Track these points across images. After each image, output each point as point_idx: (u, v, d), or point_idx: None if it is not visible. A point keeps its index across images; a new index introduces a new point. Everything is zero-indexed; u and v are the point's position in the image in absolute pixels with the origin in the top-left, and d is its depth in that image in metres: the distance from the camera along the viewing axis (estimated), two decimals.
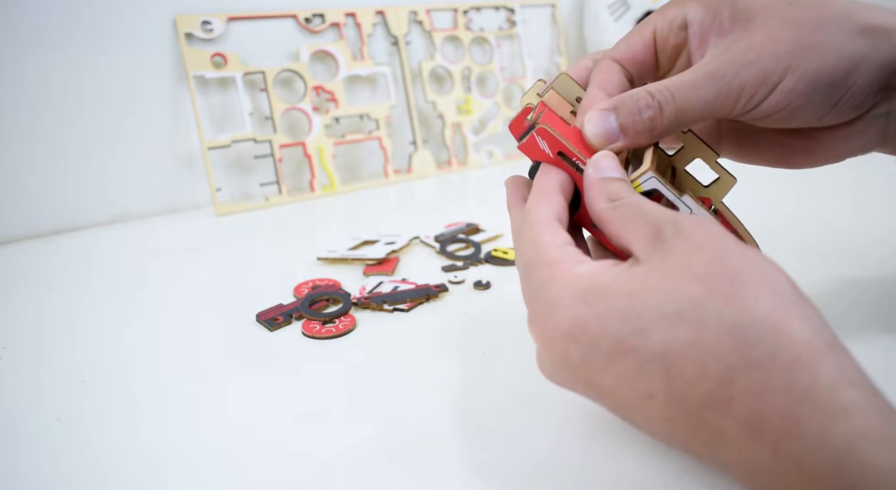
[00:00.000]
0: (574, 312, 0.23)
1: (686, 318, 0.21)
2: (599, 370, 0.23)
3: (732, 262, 0.22)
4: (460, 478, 0.26)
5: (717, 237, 0.23)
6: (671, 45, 0.30)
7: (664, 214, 0.24)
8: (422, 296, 0.43)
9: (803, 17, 0.27)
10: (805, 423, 0.19)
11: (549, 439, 0.28)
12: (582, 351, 0.23)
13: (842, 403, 0.19)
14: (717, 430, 0.21)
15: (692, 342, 0.21)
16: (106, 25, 0.62)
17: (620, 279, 0.23)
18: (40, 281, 0.51)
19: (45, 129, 0.61)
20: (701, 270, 0.22)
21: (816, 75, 0.27)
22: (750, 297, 0.21)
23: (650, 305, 0.22)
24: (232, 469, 0.28)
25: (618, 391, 0.23)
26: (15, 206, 0.61)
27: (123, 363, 0.37)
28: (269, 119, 0.69)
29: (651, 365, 0.22)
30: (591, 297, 0.23)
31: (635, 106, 0.28)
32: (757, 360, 0.20)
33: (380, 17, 0.76)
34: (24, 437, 0.30)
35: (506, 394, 0.32)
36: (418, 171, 0.78)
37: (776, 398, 0.20)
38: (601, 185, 0.27)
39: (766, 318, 0.20)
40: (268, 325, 0.40)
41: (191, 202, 0.70)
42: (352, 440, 0.29)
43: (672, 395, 0.21)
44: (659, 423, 0.22)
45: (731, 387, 0.20)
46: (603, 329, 0.22)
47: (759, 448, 0.20)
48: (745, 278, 0.21)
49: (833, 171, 0.34)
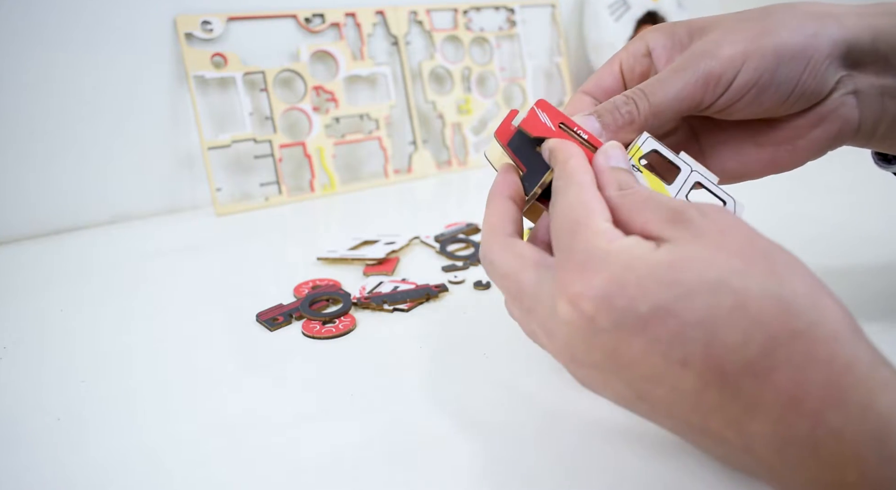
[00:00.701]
0: (614, 272, 0.22)
1: (729, 285, 0.21)
2: (630, 335, 0.22)
3: (762, 244, 0.23)
4: (460, 478, 0.26)
5: (738, 222, 0.24)
6: (637, 73, 0.33)
7: (678, 201, 0.25)
8: (422, 296, 0.43)
9: (753, 16, 0.31)
10: (849, 394, 0.19)
11: (549, 439, 0.28)
12: (616, 314, 0.22)
13: (883, 377, 0.20)
14: (751, 400, 0.21)
15: (736, 308, 0.21)
16: (106, 25, 0.62)
17: (657, 252, 0.23)
18: (40, 281, 0.51)
19: (45, 129, 0.61)
20: (736, 247, 0.22)
21: (776, 50, 0.29)
22: (787, 275, 0.22)
23: (693, 273, 0.22)
24: (232, 469, 0.28)
25: (645, 359, 0.22)
26: (15, 206, 0.61)
27: (123, 363, 0.37)
28: (269, 119, 0.69)
29: (691, 329, 0.21)
30: (634, 262, 0.22)
31: (613, 106, 0.30)
32: (801, 330, 0.20)
33: (380, 17, 0.76)
34: (24, 437, 0.30)
35: (506, 394, 0.32)
36: (418, 171, 0.78)
37: (820, 369, 0.20)
38: (611, 173, 0.28)
39: (806, 295, 0.21)
40: (268, 325, 0.40)
41: (191, 202, 0.70)
42: (352, 440, 0.29)
43: (709, 363, 0.21)
44: (683, 397, 0.22)
45: (773, 355, 0.20)
46: (643, 292, 0.22)
47: (798, 418, 0.20)
48: (779, 258, 0.22)
49: (830, 170, 0.34)
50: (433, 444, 0.28)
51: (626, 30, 0.88)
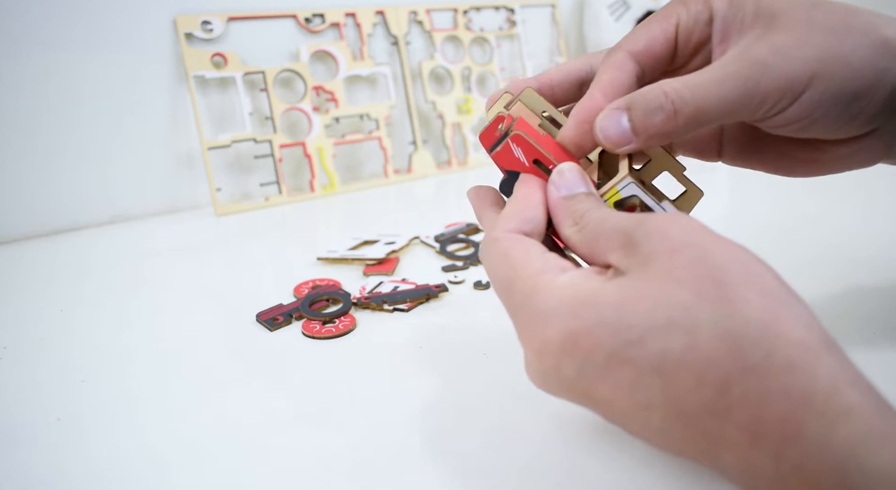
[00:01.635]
0: (564, 326, 0.22)
1: (678, 325, 0.21)
2: (595, 382, 0.22)
3: (713, 260, 0.21)
4: (460, 478, 0.26)
5: (691, 233, 0.22)
6: (694, 42, 0.28)
7: (630, 219, 0.24)
8: (422, 296, 0.43)
9: (829, 24, 0.26)
10: (806, 428, 0.19)
11: (549, 439, 0.28)
12: (576, 364, 0.22)
13: (842, 406, 0.19)
14: (716, 437, 0.20)
15: (686, 350, 0.20)
16: (106, 25, 0.62)
17: (606, 289, 0.22)
18: (40, 281, 0.51)
19: (46, 129, 0.61)
20: (684, 274, 0.21)
21: (841, 87, 0.26)
22: (738, 299, 0.20)
23: (640, 315, 0.21)
24: (232, 469, 0.28)
25: (615, 401, 0.22)
26: (15, 206, 0.61)
27: (123, 363, 0.37)
28: (269, 119, 0.69)
29: (647, 375, 0.21)
30: (580, 310, 0.22)
31: (648, 106, 0.26)
32: (753, 365, 0.20)
33: (380, 17, 0.76)
34: (24, 437, 0.30)
35: (506, 394, 0.32)
36: (418, 171, 0.78)
37: (775, 404, 0.19)
38: (564, 206, 0.26)
39: (758, 320, 0.20)
40: (268, 325, 0.40)
41: (191, 202, 0.70)
42: (352, 440, 0.29)
43: (670, 405, 0.21)
44: (656, 431, 0.22)
45: (728, 394, 0.20)
46: (595, 342, 0.22)
47: (760, 454, 0.20)
48: (731, 279, 0.21)
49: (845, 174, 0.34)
50: (433, 444, 0.28)
51: (626, 30, 0.88)
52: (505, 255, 0.25)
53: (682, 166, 0.30)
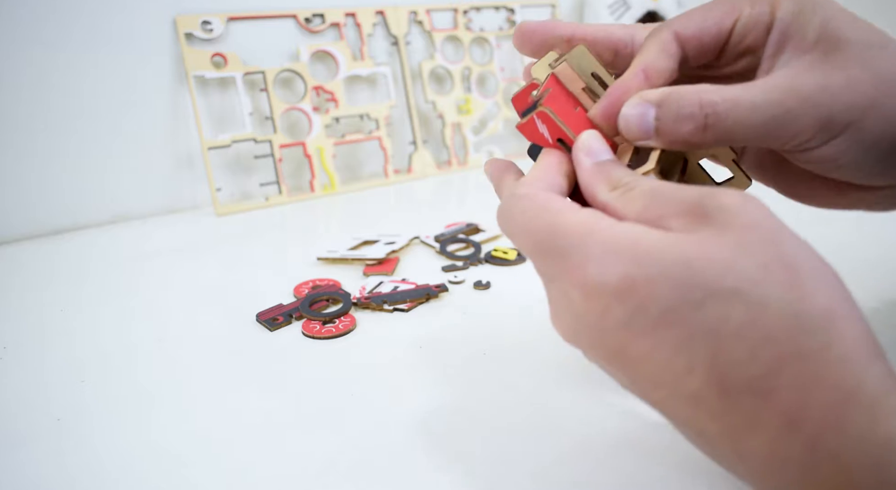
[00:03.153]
0: (623, 270, 0.21)
1: (744, 297, 0.20)
2: (639, 336, 0.21)
3: (786, 246, 0.21)
4: (460, 478, 0.26)
5: (765, 216, 0.21)
6: (746, 44, 0.27)
7: (695, 190, 0.22)
8: (422, 296, 0.43)
9: (887, 70, 0.25)
10: (849, 419, 0.19)
11: (549, 439, 0.28)
12: (627, 311, 0.21)
13: (890, 405, 0.19)
14: (750, 417, 0.20)
15: (747, 323, 0.20)
16: (106, 25, 0.62)
17: (673, 244, 0.21)
18: (40, 281, 0.51)
19: (45, 129, 0.61)
20: (758, 250, 0.21)
21: (879, 138, 0.25)
22: (808, 287, 0.20)
23: (708, 277, 0.20)
24: (232, 469, 0.28)
25: (651, 361, 0.21)
26: (15, 206, 0.61)
27: (123, 363, 0.37)
28: (269, 119, 0.69)
29: (699, 339, 0.20)
30: (643, 258, 0.21)
31: (680, 112, 0.25)
32: (809, 351, 0.20)
33: (380, 17, 0.76)
34: (25, 437, 0.30)
35: (505, 393, 0.32)
36: (418, 171, 0.78)
37: (823, 392, 0.19)
38: (598, 171, 0.25)
39: (824, 310, 0.20)
40: (268, 325, 0.40)
41: (191, 202, 0.70)
42: (352, 440, 0.29)
43: (713, 374, 0.20)
44: (684, 400, 0.21)
45: (778, 375, 0.20)
46: (654, 294, 0.21)
47: (794, 439, 0.20)
48: (802, 266, 0.21)
49: None
50: (433, 444, 0.28)
51: None
52: (541, 205, 0.24)
53: (735, 152, 0.29)
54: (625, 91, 0.26)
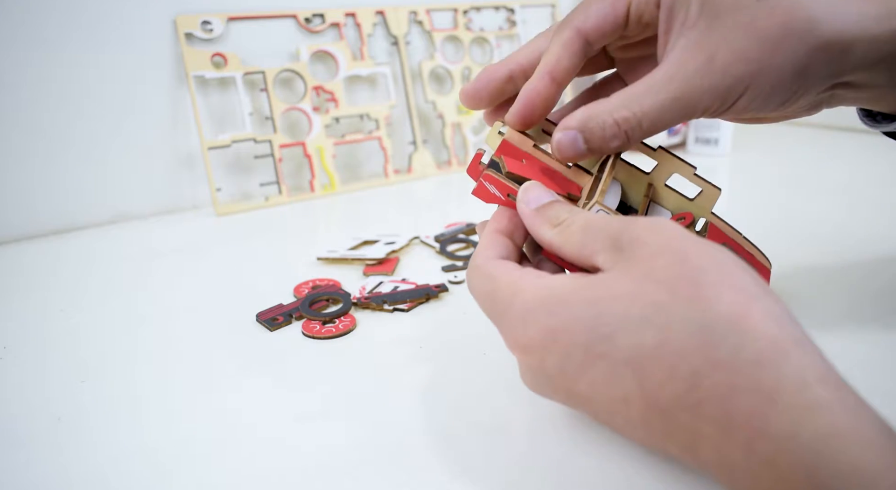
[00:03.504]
0: (542, 324, 0.24)
1: (651, 322, 0.21)
2: (575, 378, 0.23)
3: (693, 261, 0.22)
4: (460, 477, 0.26)
5: (673, 238, 0.23)
6: (644, 21, 0.29)
7: (616, 223, 0.24)
8: (422, 296, 0.43)
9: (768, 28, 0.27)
10: (774, 422, 0.19)
11: (549, 439, 0.28)
12: (557, 360, 0.23)
13: (811, 401, 0.19)
14: (691, 431, 0.21)
15: (658, 346, 0.21)
16: (106, 25, 0.62)
17: (583, 288, 0.23)
18: (40, 281, 0.51)
19: (45, 129, 0.61)
20: (663, 274, 0.22)
21: (772, 92, 0.28)
22: (712, 296, 0.21)
23: (615, 312, 0.22)
24: (232, 469, 0.28)
25: (595, 397, 0.23)
26: (15, 206, 0.61)
27: (123, 363, 0.37)
28: (269, 119, 0.69)
29: (621, 369, 0.22)
30: (555, 307, 0.23)
31: (604, 135, 0.28)
32: (721, 360, 0.20)
33: (380, 17, 0.76)
34: (25, 437, 0.30)
35: (505, 393, 0.32)
36: (418, 171, 0.78)
37: (743, 398, 0.20)
38: (538, 214, 0.27)
39: (728, 314, 0.21)
40: (268, 325, 0.40)
41: (191, 202, 0.70)
42: (352, 440, 0.29)
43: (645, 398, 0.22)
44: (637, 426, 0.23)
45: (699, 389, 0.20)
46: (572, 338, 0.23)
47: (732, 447, 0.20)
48: (706, 278, 0.21)
49: (830, 169, 0.34)
50: (433, 444, 0.28)
51: None
52: (485, 274, 0.27)
53: (692, 166, 0.31)
54: (535, 94, 0.29)
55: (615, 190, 0.31)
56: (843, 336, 0.28)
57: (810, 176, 0.71)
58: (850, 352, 0.30)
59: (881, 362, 0.33)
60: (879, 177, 0.68)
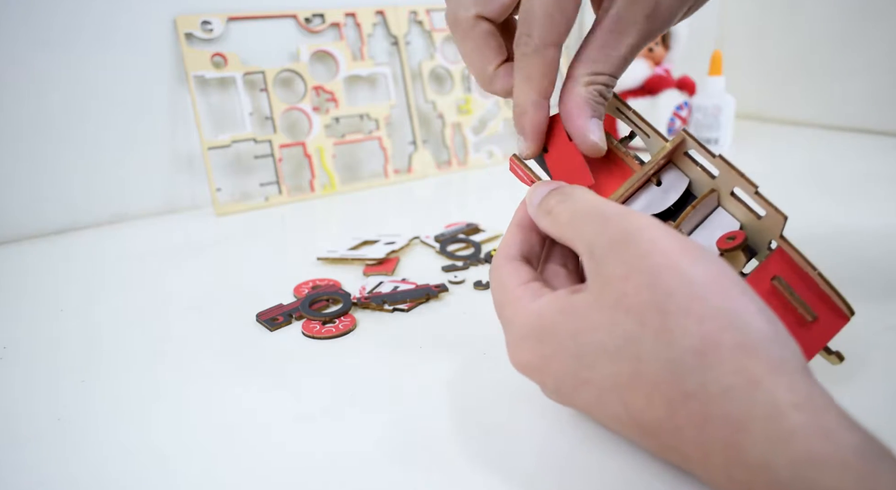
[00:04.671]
0: (534, 352, 0.25)
1: (624, 353, 0.22)
2: (573, 396, 0.25)
3: (661, 286, 0.22)
4: (460, 477, 0.26)
5: (643, 256, 0.22)
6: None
7: (592, 227, 0.25)
8: (422, 296, 0.43)
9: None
10: (748, 451, 0.19)
11: (549, 439, 0.28)
12: (553, 382, 0.25)
13: (784, 429, 0.18)
14: (680, 451, 0.22)
15: (633, 376, 0.22)
16: (106, 26, 0.62)
17: (566, 318, 0.24)
18: (40, 281, 0.51)
19: (45, 129, 0.61)
20: (633, 302, 0.22)
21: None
22: (677, 329, 0.21)
23: (593, 343, 0.23)
24: (232, 469, 0.28)
25: (593, 412, 0.25)
26: (15, 206, 0.61)
27: (123, 363, 0.37)
28: (269, 119, 0.69)
29: (607, 394, 0.23)
30: (543, 337, 0.25)
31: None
32: (691, 392, 0.20)
33: (380, 17, 0.76)
34: (25, 437, 0.30)
35: (506, 394, 0.32)
36: (418, 171, 0.78)
37: (717, 428, 0.20)
38: (538, 208, 0.28)
39: (694, 347, 0.20)
40: (268, 325, 0.40)
41: (191, 202, 0.70)
42: (352, 440, 0.29)
43: (633, 420, 0.23)
44: (637, 437, 0.24)
45: (675, 416, 0.21)
46: (560, 365, 0.24)
47: (715, 472, 0.20)
48: (673, 308, 0.21)
49: (831, 169, 0.34)
50: (433, 444, 0.28)
51: None
52: (500, 280, 0.28)
53: (753, 185, 0.28)
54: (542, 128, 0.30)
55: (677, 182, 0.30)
56: (843, 336, 0.28)
57: (810, 176, 0.71)
58: (851, 352, 0.30)
59: (881, 362, 0.33)
60: (880, 177, 0.68)
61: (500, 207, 0.30)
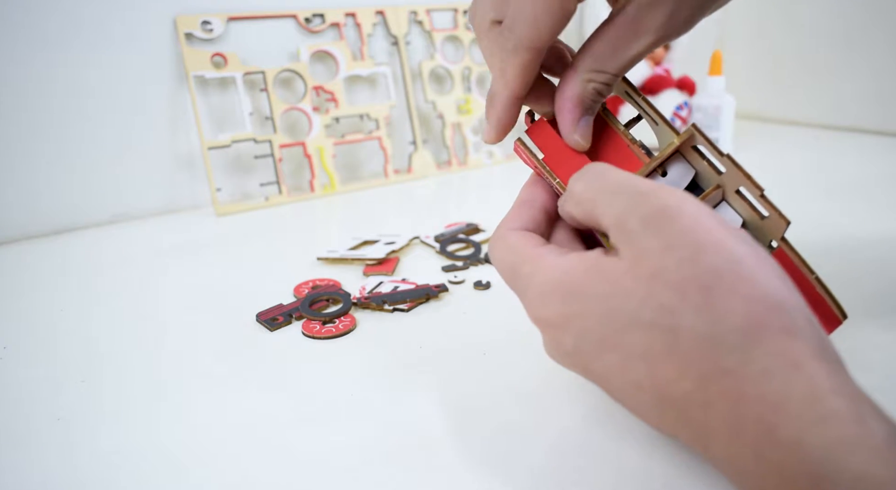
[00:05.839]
0: (557, 309, 0.24)
1: (660, 326, 0.21)
2: (592, 359, 0.24)
3: (704, 263, 0.21)
4: (460, 478, 0.26)
5: (685, 232, 0.22)
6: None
7: (625, 200, 0.24)
8: (422, 296, 0.43)
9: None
10: (781, 430, 0.19)
11: (549, 439, 0.28)
12: (572, 342, 0.24)
13: (820, 412, 0.19)
14: (702, 425, 0.21)
15: (667, 348, 0.21)
16: (106, 26, 0.62)
17: (596, 279, 0.23)
18: (40, 281, 0.51)
19: (46, 129, 0.61)
20: (673, 276, 0.21)
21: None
22: (721, 306, 0.21)
23: (625, 311, 0.22)
24: (232, 469, 0.28)
25: (612, 378, 0.24)
26: (15, 205, 0.61)
27: (123, 363, 0.37)
28: (269, 119, 0.69)
29: (634, 361, 0.22)
30: (569, 295, 0.24)
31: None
32: (729, 369, 0.20)
33: (380, 17, 0.76)
34: (25, 437, 0.30)
35: (506, 394, 0.32)
36: (418, 171, 0.78)
37: (752, 406, 0.20)
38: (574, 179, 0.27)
39: (738, 328, 0.20)
40: (268, 325, 0.40)
41: (191, 202, 0.70)
42: (352, 440, 0.29)
43: (657, 389, 0.22)
44: (650, 410, 0.23)
45: (707, 391, 0.21)
46: (585, 326, 0.23)
47: (742, 449, 0.20)
48: (718, 284, 0.21)
49: (831, 169, 0.33)
50: (433, 444, 0.28)
51: None
52: (510, 246, 0.27)
53: (758, 188, 0.28)
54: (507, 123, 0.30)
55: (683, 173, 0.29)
56: (843, 336, 0.28)
57: (810, 176, 0.71)
58: (850, 352, 0.30)
59: (881, 363, 0.33)
60: (880, 177, 0.68)
61: (500, 207, 0.30)
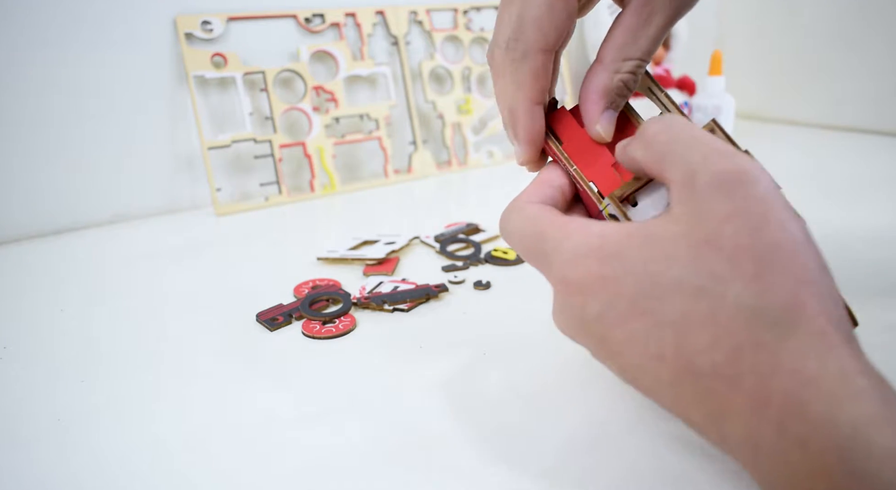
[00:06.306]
0: (591, 270, 0.24)
1: (705, 292, 0.21)
2: (613, 326, 0.23)
3: (766, 236, 0.21)
4: (460, 478, 0.26)
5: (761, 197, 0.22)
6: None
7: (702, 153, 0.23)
8: (422, 296, 0.43)
9: None
10: (811, 405, 0.19)
11: (549, 439, 0.28)
12: (599, 305, 0.24)
13: (850, 390, 0.19)
14: (722, 401, 0.21)
15: (707, 316, 0.21)
16: (106, 26, 0.62)
17: (637, 242, 0.23)
18: (40, 281, 0.51)
19: (46, 129, 0.61)
20: (729, 243, 0.21)
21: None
22: (772, 281, 0.21)
23: (670, 275, 0.22)
24: (232, 469, 0.28)
25: (628, 349, 0.23)
26: (15, 205, 0.61)
27: (123, 363, 0.37)
28: (269, 119, 0.69)
29: (664, 328, 0.22)
30: (607, 258, 0.23)
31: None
32: (766, 342, 0.20)
33: (380, 17, 0.76)
34: (24, 437, 0.30)
35: (506, 394, 0.32)
36: (418, 171, 0.78)
37: (782, 379, 0.20)
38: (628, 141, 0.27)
39: (783, 305, 0.21)
40: (268, 325, 0.40)
41: (191, 202, 0.70)
42: (352, 440, 0.29)
43: (681, 360, 0.22)
44: (665, 386, 0.23)
45: (739, 363, 0.21)
46: (619, 288, 0.23)
47: (764, 424, 0.20)
48: (774, 259, 0.21)
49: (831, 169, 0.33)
50: (433, 444, 0.28)
51: None
52: (532, 216, 0.27)
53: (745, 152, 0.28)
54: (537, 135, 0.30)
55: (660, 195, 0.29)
56: None
57: (810, 176, 0.71)
58: None
59: (881, 363, 0.33)
60: (880, 177, 0.68)
61: (500, 207, 0.30)
